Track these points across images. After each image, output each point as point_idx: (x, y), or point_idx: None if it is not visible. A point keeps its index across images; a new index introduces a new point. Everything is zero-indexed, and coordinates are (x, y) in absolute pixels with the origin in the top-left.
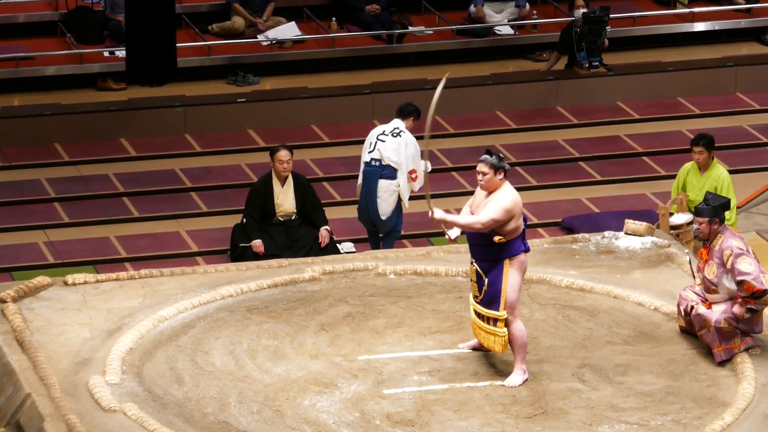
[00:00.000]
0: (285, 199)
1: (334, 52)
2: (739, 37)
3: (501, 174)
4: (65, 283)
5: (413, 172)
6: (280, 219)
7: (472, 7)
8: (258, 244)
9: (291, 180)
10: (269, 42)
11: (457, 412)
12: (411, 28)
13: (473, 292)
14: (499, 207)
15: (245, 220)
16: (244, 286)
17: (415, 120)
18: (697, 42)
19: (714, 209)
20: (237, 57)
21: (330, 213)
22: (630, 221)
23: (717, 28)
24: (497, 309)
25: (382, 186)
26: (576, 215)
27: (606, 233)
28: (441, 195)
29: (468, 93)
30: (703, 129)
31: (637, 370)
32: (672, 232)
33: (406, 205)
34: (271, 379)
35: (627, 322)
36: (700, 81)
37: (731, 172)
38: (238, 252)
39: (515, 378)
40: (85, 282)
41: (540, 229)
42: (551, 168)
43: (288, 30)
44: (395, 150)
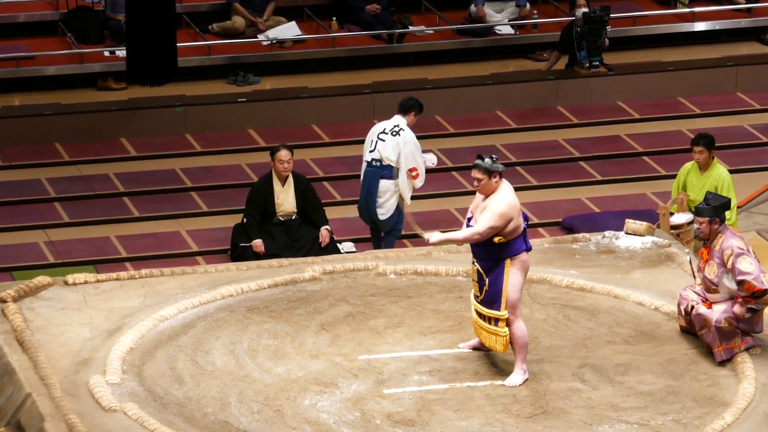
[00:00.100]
0: (285, 199)
1: (334, 51)
2: (740, 37)
3: (496, 177)
4: (66, 283)
5: (413, 170)
6: (280, 219)
7: (472, 7)
8: (258, 243)
9: (291, 180)
10: (269, 42)
11: (458, 411)
12: (411, 27)
13: (474, 291)
14: (495, 214)
15: (246, 219)
16: (244, 285)
17: (417, 114)
18: (698, 42)
19: (714, 209)
20: (237, 57)
21: (330, 213)
22: (630, 221)
23: (717, 27)
24: (498, 309)
25: (382, 186)
26: (576, 215)
27: (606, 233)
28: (441, 195)
29: (468, 93)
30: (704, 129)
31: (638, 369)
32: (672, 231)
33: (407, 203)
34: (272, 379)
35: (627, 321)
36: (700, 81)
37: (731, 171)
38: (238, 252)
39: (516, 377)
40: (86, 282)
41: (540, 229)
42: (552, 168)
43: (288, 30)
44: (394, 150)
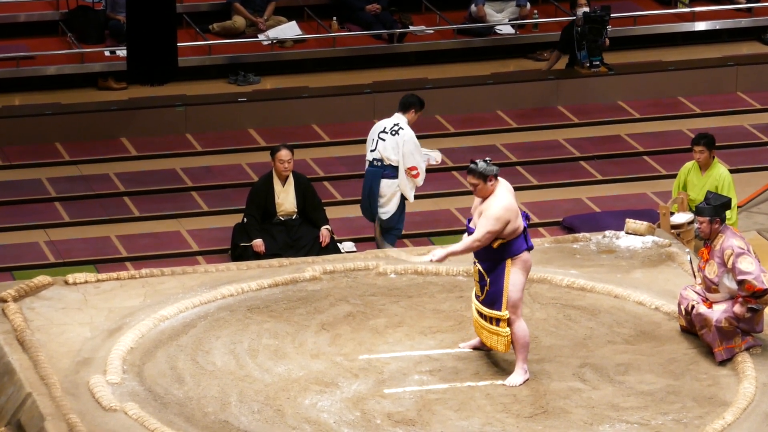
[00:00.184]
0: (286, 199)
1: (334, 51)
2: (740, 37)
3: (491, 180)
4: (66, 283)
5: (413, 168)
6: (280, 218)
7: (472, 7)
8: (259, 243)
9: (292, 179)
10: (270, 41)
11: (458, 411)
12: (412, 27)
13: (476, 291)
14: (491, 219)
15: (246, 219)
16: (244, 285)
17: (418, 111)
18: (698, 41)
19: (715, 208)
20: (238, 56)
21: (331, 212)
22: (631, 221)
23: (718, 27)
24: (499, 309)
25: (384, 186)
26: (577, 215)
27: (607, 233)
28: (442, 195)
29: (469, 92)
30: (704, 128)
31: (638, 369)
32: (673, 231)
33: (410, 201)
34: (272, 379)
35: (628, 321)
36: (700, 80)
37: (732, 171)
38: (238, 251)
39: (516, 377)
40: (86, 281)
41: (541, 229)
42: (552, 167)
43: (289, 29)
44: (394, 149)
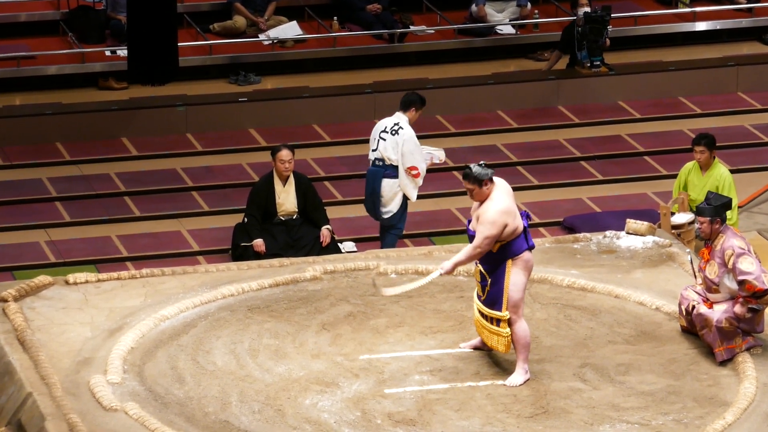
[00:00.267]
0: (286, 199)
1: (335, 51)
2: (741, 37)
3: (486, 184)
4: (66, 283)
5: (413, 168)
6: (281, 218)
7: (473, 7)
8: (259, 243)
9: (292, 179)
10: (270, 41)
11: (459, 411)
12: (412, 27)
13: (477, 291)
14: (488, 224)
15: (246, 219)
16: (245, 285)
17: (418, 110)
18: (699, 41)
19: (715, 209)
20: (238, 56)
21: (331, 212)
22: (631, 221)
23: (718, 27)
24: (500, 309)
25: (385, 185)
26: (577, 215)
27: (607, 233)
28: (442, 195)
29: (469, 92)
30: (705, 128)
31: (639, 369)
32: (673, 231)
33: (413, 200)
34: (273, 379)
35: (628, 321)
36: (701, 80)
37: (732, 171)
38: (239, 251)
39: (517, 377)
40: (87, 281)
41: (541, 229)
42: (552, 167)
43: (289, 29)
44: (395, 149)
